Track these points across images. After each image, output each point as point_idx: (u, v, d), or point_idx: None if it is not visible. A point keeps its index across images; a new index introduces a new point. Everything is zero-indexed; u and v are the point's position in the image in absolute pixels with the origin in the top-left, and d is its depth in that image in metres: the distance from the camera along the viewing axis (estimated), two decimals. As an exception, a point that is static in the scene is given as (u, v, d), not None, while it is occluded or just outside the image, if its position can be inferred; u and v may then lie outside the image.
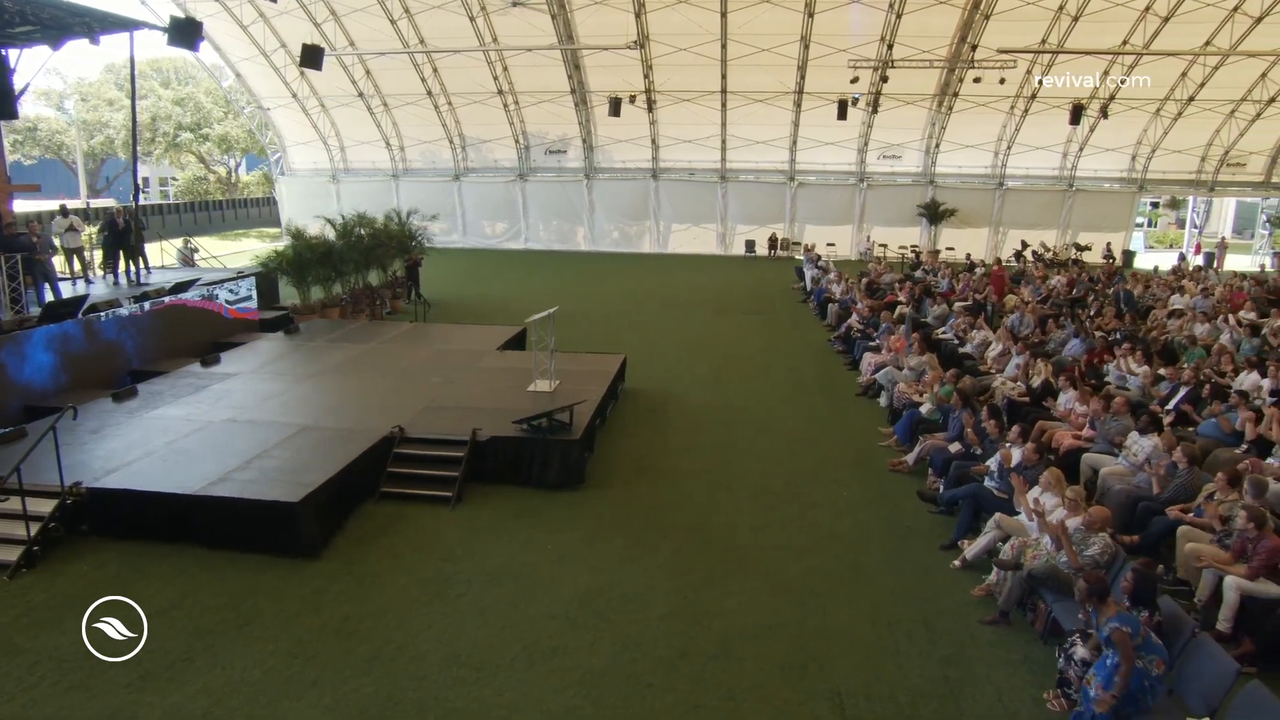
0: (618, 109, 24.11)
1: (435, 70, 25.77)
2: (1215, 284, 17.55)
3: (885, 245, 25.52)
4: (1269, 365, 9.62)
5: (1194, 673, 4.59)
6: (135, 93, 15.55)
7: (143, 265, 14.21)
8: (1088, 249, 25.39)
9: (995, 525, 6.50)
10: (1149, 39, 21.18)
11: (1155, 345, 11.46)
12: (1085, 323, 14.00)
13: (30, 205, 25.71)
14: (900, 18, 21.11)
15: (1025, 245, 25.42)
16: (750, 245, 27.79)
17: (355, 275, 17.13)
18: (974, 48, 21.73)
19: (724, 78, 24.35)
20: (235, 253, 27.55)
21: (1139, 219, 30.86)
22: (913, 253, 24.39)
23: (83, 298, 11.23)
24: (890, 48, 21.62)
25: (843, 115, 23.48)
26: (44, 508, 6.65)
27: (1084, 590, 4.61)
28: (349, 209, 20.07)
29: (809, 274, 20.31)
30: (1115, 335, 12.86)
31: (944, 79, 24.10)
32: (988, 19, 21.13)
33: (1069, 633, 5.02)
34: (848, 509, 7.74)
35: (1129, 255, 26.42)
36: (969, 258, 21.77)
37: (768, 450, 9.29)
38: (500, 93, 26.01)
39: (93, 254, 14.61)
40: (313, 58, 19.07)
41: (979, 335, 12.47)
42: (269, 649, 5.40)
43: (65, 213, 14.07)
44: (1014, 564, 5.86)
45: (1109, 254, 24.81)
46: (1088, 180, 26.63)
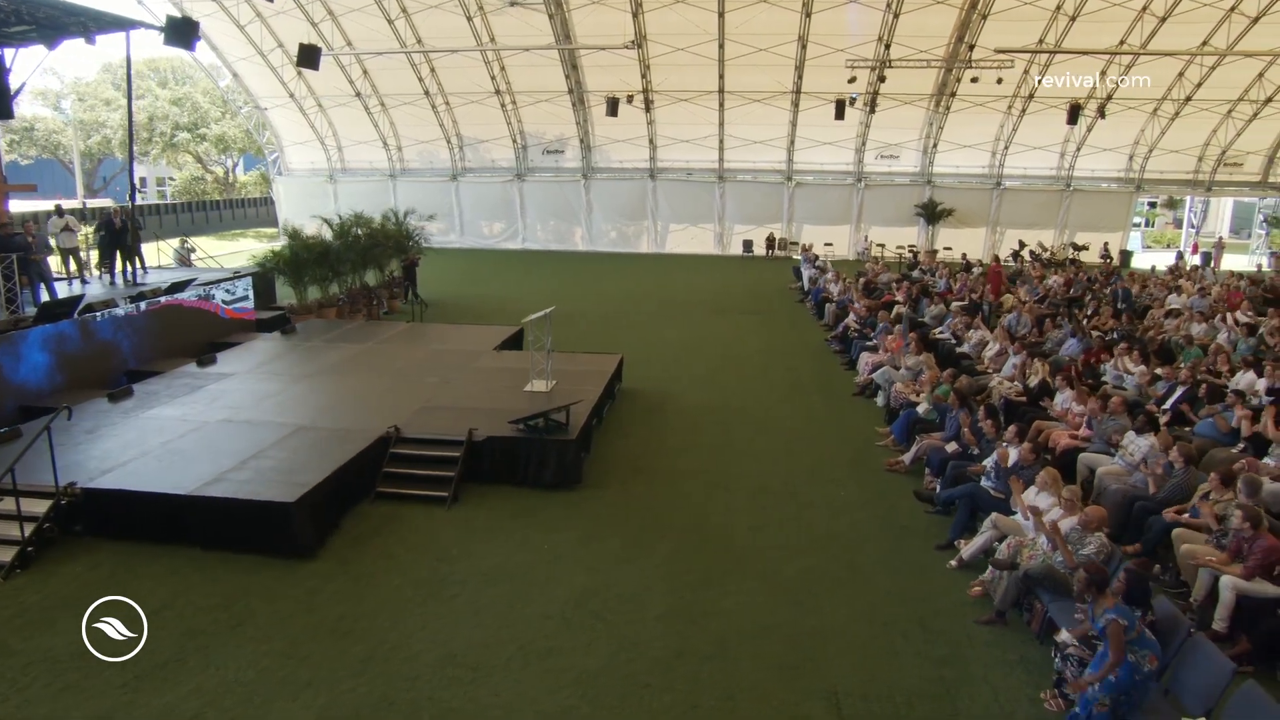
0: (615, 109, 24.11)
1: (433, 70, 25.74)
2: (1212, 284, 17.59)
3: (883, 245, 25.58)
4: (1265, 365, 9.64)
5: (1190, 672, 4.59)
6: (131, 92, 15.49)
7: (139, 265, 14.19)
8: (1085, 249, 25.42)
9: (992, 525, 6.51)
10: (1146, 39, 21.21)
11: (1152, 345, 11.45)
12: (1082, 322, 14.01)
13: (27, 205, 25.67)
14: (898, 17, 21.15)
15: (1023, 245, 25.42)
16: (748, 245, 27.80)
17: (352, 275, 17.09)
18: (971, 48, 21.74)
19: (721, 78, 24.35)
20: (232, 253, 27.56)
21: (1136, 219, 30.90)
22: (910, 252, 24.44)
23: (78, 298, 11.21)
24: (888, 48, 21.66)
25: (840, 115, 23.49)
26: (38, 508, 6.63)
27: (1083, 580, 4.64)
28: (346, 209, 20.01)
29: (806, 274, 20.31)
30: (1112, 335, 12.89)
31: (941, 79, 24.11)
32: (985, 19, 21.15)
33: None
34: (844, 509, 7.74)
35: (1126, 255, 26.45)
36: (964, 258, 21.75)
37: (765, 450, 9.29)
38: (498, 92, 25.98)
39: (89, 254, 14.59)
40: (310, 57, 19.04)
41: (976, 335, 12.48)
42: (263, 649, 5.38)
43: (61, 213, 14.04)
44: (1010, 564, 5.86)
45: (1106, 254, 24.87)
46: (1085, 180, 26.66)
